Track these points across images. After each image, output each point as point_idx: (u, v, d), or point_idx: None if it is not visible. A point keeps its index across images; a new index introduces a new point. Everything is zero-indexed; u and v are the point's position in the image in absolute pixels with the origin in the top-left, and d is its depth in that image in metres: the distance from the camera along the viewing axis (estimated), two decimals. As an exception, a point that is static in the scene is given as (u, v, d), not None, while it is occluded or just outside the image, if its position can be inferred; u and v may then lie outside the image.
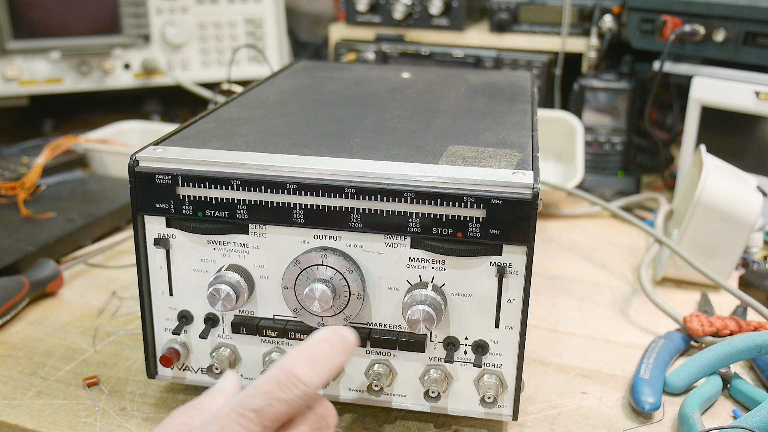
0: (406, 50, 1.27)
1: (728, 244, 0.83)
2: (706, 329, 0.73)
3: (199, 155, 0.57)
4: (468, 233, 0.54)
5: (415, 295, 0.55)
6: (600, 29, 1.19)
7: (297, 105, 0.74)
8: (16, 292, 0.77)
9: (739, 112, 1.00)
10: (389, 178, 0.54)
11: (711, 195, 0.82)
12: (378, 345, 0.59)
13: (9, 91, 1.24)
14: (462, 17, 1.27)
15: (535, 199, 0.52)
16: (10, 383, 0.68)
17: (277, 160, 0.56)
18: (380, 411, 0.64)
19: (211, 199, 0.57)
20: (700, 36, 1.05)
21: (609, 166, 1.18)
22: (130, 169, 0.57)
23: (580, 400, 0.67)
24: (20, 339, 0.75)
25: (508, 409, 0.59)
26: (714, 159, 0.89)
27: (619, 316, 0.82)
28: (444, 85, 0.84)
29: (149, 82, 1.34)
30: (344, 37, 1.35)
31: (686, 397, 0.64)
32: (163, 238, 0.59)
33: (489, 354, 0.58)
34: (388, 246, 0.56)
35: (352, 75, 0.89)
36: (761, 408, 0.58)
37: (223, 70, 1.36)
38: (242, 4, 1.37)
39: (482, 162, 0.57)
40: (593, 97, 1.17)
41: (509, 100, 0.77)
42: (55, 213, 0.96)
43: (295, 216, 0.56)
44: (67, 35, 1.25)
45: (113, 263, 0.92)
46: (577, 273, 0.92)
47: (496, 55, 1.24)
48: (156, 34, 1.32)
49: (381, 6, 1.31)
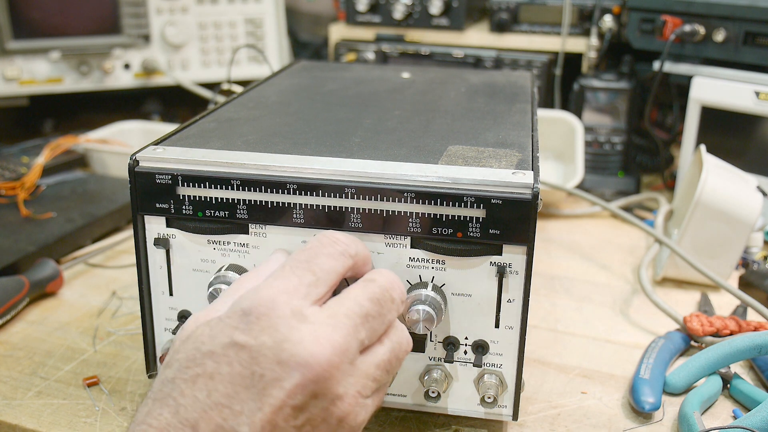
0: (406, 50, 1.27)
1: (728, 244, 0.83)
2: (706, 329, 0.73)
3: (199, 155, 0.57)
4: (468, 233, 0.54)
5: (415, 295, 0.55)
6: (600, 29, 1.19)
7: (297, 105, 0.74)
8: (16, 292, 0.77)
9: (739, 112, 1.00)
10: (389, 178, 0.54)
11: (711, 195, 0.82)
12: (378, 345, 0.59)
13: (9, 91, 1.24)
14: (462, 17, 1.27)
15: (535, 199, 0.52)
16: (10, 383, 0.68)
17: (277, 160, 0.56)
18: (380, 411, 0.64)
19: (211, 199, 0.57)
20: (700, 36, 1.05)
21: (609, 166, 1.18)
22: (130, 169, 0.57)
23: (580, 400, 0.67)
24: (20, 339, 0.75)
25: (508, 409, 0.59)
26: (714, 159, 0.89)
27: (619, 316, 0.82)
28: (444, 85, 0.84)
29: (149, 82, 1.34)
30: (344, 37, 1.35)
31: (686, 397, 0.64)
32: (163, 238, 0.59)
33: (489, 354, 0.58)
34: (388, 246, 0.56)
35: (352, 75, 0.89)
36: (761, 408, 0.58)
37: (223, 70, 1.36)
38: (242, 4, 1.37)
39: (482, 162, 0.57)
40: (593, 97, 1.17)
41: (509, 100, 0.77)
42: (55, 213, 0.96)
43: (295, 216, 0.56)
44: (67, 35, 1.25)
45: (113, 263, 0.92)
46: (577, 273, 0.92)
47: (496, 55, 1.24)
48: (156, 34, 1.32)
49: (381, 6, 1.31)
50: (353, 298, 0.47)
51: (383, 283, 0.49)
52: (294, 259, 0.48)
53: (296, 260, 0.48)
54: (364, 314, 0.47)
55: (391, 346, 0.49)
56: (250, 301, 0.45)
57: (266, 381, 0.42)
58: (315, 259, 0.48)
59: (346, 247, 0.50)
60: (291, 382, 0.42)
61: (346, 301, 0.47)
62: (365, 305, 0.47)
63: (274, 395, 0.42)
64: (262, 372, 0.43)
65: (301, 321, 0.44)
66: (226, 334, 0.44)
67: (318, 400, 0.43)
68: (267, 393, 0.42)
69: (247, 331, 0.44)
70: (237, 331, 0.44)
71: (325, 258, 0.48)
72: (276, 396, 0.42)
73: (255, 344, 0.43)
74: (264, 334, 0.43)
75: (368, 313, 0.47)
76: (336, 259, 0.49)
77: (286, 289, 0.46)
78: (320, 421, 0.44)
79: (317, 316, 0.45)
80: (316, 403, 0.43)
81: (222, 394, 0.42)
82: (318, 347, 0.43)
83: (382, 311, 0.48)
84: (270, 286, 0.46)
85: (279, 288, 0.46)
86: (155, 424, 0.42)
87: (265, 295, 0.45)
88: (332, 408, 0.44)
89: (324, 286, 0.47)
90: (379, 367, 0.47)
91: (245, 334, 0.43)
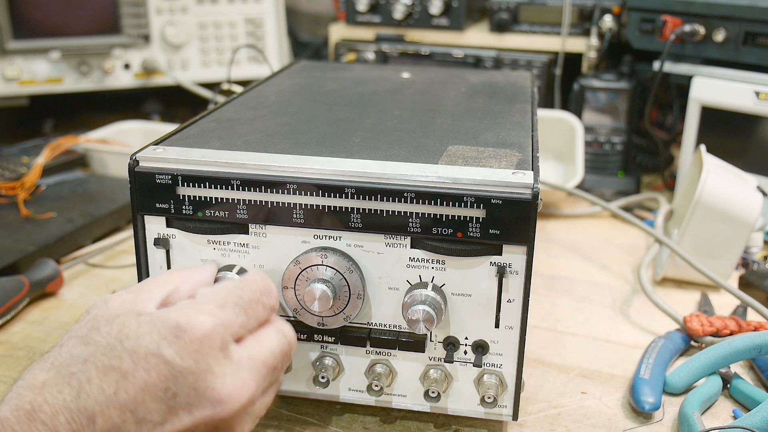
0: (406, 50, 1.27)
1: (728, 244, 0.83)
2: (706, 329, 0.73)
3: (199, 155, 0.57)
4: (468, 233, 0.54)
5: (415, 295, 0.55)
6: (600, 29, 1.19)
7: (297, 105, 0.74)
8: (16, 292, 0.77)
9: (739, 112, 1.00)
10: (389, 178, 0.54)
11: (711, 195, 0.82)
12: (378, 345, 0.59)
13: (9, 91, 1.24)
14: (462, 17, 1.27)
15: (535, 199, 0.52)
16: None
17: (277, 160, 0.56)
18: (380, 411, 0.64)
19: (211, 199, 0.57)
20: (700, 36, 1.05)
21: (609, 166, 1.18)
22: (130, 169, 0.57)
23: (580, 400, 0.67)
24: (20, 339, 0.75)
25: (508, 409, 0.59)
26: (714, 159, 0.89)
27: (619, 316, 0.82)
28: (444, 85, 0.84)
29: (149, 82, 1.34)
30: (344, 37, 1.35)
31: (686, 397, 0.64)
32: (163, 238, 0.59)
33: (489, 354, 0.58)
34: (388, 246, 0.56)
35: (352, 75, 0.89)
36: (761, 408, 0.58)
37: (223, 70, 1.36)
38: (242, 4, 1.37)
39: (482, 162, 0.57)
40: (593, 97, 1.17)
41: (509, 100, 0.77)
42: (55, 213, 0.96)
43: (295, 216, 0.56)
44: (67, 35, 1.25)
45: (113, 263, 0.92)
46: (577, 273, 0.92)
47: (496, 55, 1.24)
48: (156, 34, 1.32)
49: (381, 6, 1.31)
50: (269, 348, 0.50)
51: (292, 340, 0.52)
52: (237, 296, 0.50)
53: (239, 297, 0.49)
54: (273, 366, 0.50)
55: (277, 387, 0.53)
56: (188, 319, 0.45)
57: (178, 402, 0.43)
58: (253, 304, 0.50)
59: (274, 302, 0.52)
60: (202, 413, 0.44)
61: (264, 350, 0.49)
62: (277, 358, 0.50)
63: (181, 418, 0.43)
64: (176, 392, 0.43)
65: (227, 357, 0.46)
66: (153, 340, 0.44)
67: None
68: (174, 413, 0.43)
69: (175, 348, 0.44)
70: (165, 343, 0.44)
71: (259, 306, 0.51)
72: (182, 420, 0.43)
73: (179, 364, 0.44)
74: (191, 357, 0.44)
75: (276, 366, 0.50)
76: (266, 309, 0.51)
77: (224, 322, 0.47)
78: None
79: (240, 354, 0.47)
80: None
81: (130, 396, 0.42)
82: (236, 390, 0.45)
83: (284, 363, 0.52)
84: (212, 314, 0.47)
85: (220, 318, 0.47)
86: (51, 401, 0.41)
87: (205, 321, 0.46)
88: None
89: (247, 330, 0.50)
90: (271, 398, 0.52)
91: (173, 350, 0.44)
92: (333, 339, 0.59)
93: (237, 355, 0.47)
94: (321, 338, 0.59)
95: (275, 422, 0.62)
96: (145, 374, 0.43)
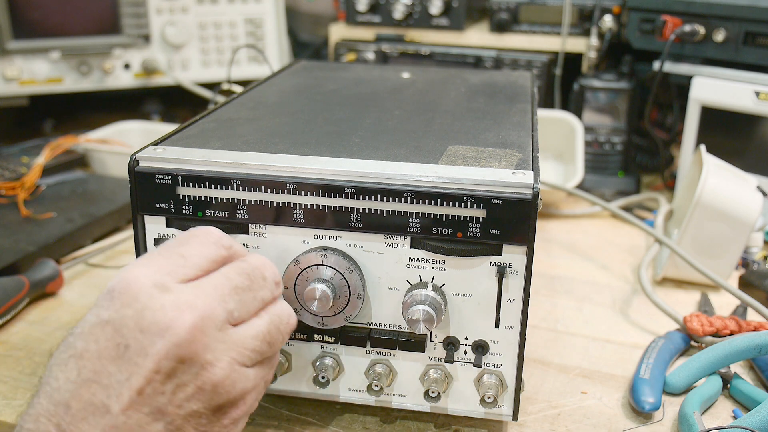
0: (406, 50, 1.27)
1: (728, 244, 0.83)
2: (706, 329, 0.73)
3: (199, 155, 0.57)
4: (468, 233, 0.54)
5: (415, 295, 0.55)
6: (600, 29, 1.19)
7: (297, 105, 0.74)
8: (16, 292, 0.77)
9: (739, 112, 1.00)
10: (389, 178, 0.54)
11: (711, 195, 0.82)
12: (378, 345, 0.59)
13: (9, 91, 1.24)
14: (462, 17, 1.27)
15: (535, 199, 0.52)
16: (10, 383, 0.68)
17: (277, 160, 0.56)
18: (380, 411, 0.64)
19: (211, 199, 0.57)
20: (700, 36, 1.05)
21: (609, 166, 1.18)
22: (130, 169, 0.57)
23: (580, 400, 0.67)
24: (20, 339, 0.75)
25: (508, 409, 0.59)
26: (714, 159, 0.89)
27: (619, 316, 0.82)
28: (444, 85, 0.84)
29: (149, 82, 1.34)
30: (344, 37, 1.35)
31: (686, 397, 0.64)
32: (163, 238, 0.59)
33: (489, 354, 0.58)
34: (388, 246, 0.56)
35: (352, 75, 0.89)
36: (761, 408, 0.58)
37: (223, 70, 1.36)
38: (242, 4, 1.37)
39: (482, 162, 0.57)
40: (593, 97, 1.17)
41: (509, 100, 0.77)
42: (55, 213, 0.96)
43: (295, 216, 0.56)
44: (67, 35, 1.25)
45: (113, 263, 0.92)
46: (577, 273, 0.92)
47: (496, 55, 1.24)
48: (156, 34, 1.32)
49: (381, 6, 1.31)
50: (222, 272, 0.48)
51: (254, 262, 0.50)
52: (164, 245, 0.50)
53: (165, 245, 0.49)
54: (233, 286, 0.48)
55: (270, 318, 0.50)
56: (116, 280, 0.46)
57: (132, 351, 0.43)
58: (185, 244, 0.49)
59: (218, 239, 0.50)
60: (155, 349, 0.43)
61: (214, 275, 0.48)
62: (233, 278, 0.48)
63: (141, 364, 0.43)
64: (127, 343, 0.43)
65: (163, 291, 0.45)
66: (93, 314, 0.45)
67: (186, 365, 0.44)
68: (133, 362, 0.43)
69: (110, 308, 0.44)
70: (101, 309, 0.45)
71: (197, 244, 0.49)
72: (142, 365, 0.43)
73: (117, 317, 0.44)
74: (126, 307, 0.44)
75: (237, 285, 0.48)
76: (207, 246, 0.49)
77: (151, 266, 0.46)
78: (194, 388, 0.44)
79: (181, 288, 0.46)
80: (186, 369, 0.44)
81: (90, 370, 0.43)
82: (177, 312, 0.44)
83: (253, 286, 0.49)
84: (135, 265, 0.47)
85: (143, 265, 0.46)
86: (32, 412, 0.43)
87: (129, 274, 0.46)
88: (204, 374, 0.44)
89: (193, 268, 0.48)
90: (256, 338, 0.48)
91: (108, 310, 0.44)
92: (333, 339, 0.59)
93: (176, 288, 0.46)
94: (321, 338, 0.59)
95: (275, 422, 0.62)
96: (95, 345, 0.44)
